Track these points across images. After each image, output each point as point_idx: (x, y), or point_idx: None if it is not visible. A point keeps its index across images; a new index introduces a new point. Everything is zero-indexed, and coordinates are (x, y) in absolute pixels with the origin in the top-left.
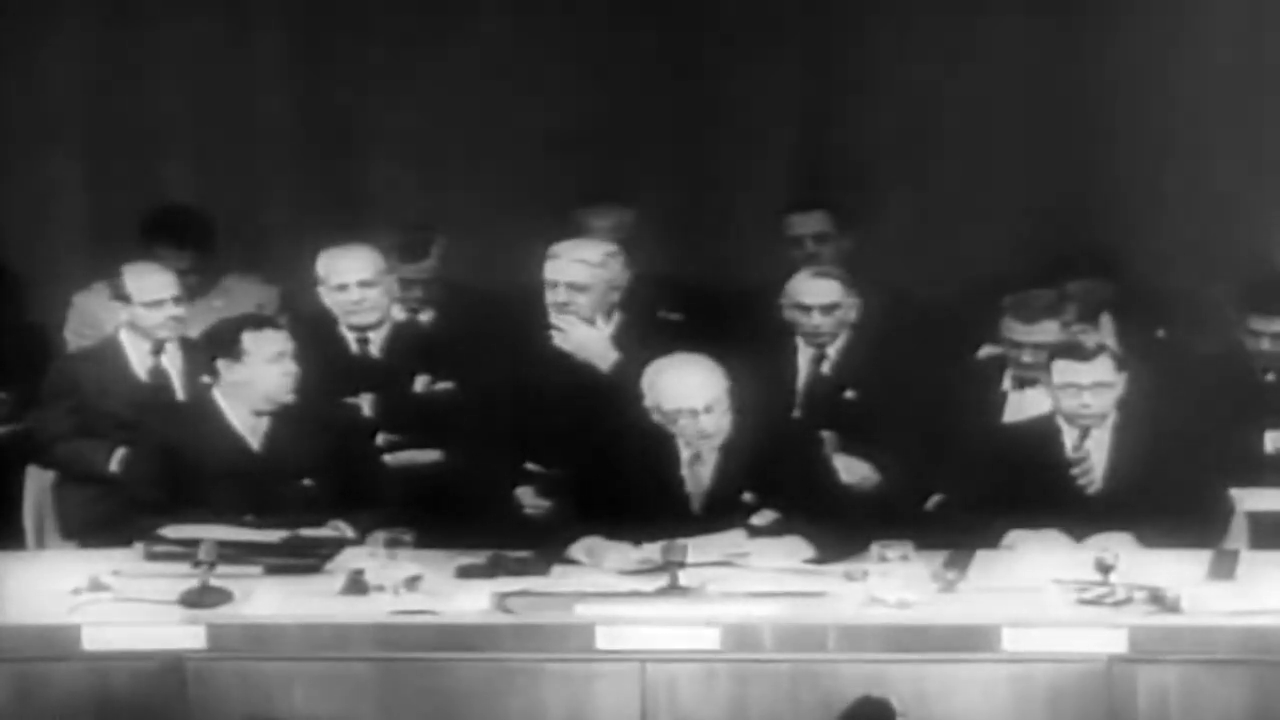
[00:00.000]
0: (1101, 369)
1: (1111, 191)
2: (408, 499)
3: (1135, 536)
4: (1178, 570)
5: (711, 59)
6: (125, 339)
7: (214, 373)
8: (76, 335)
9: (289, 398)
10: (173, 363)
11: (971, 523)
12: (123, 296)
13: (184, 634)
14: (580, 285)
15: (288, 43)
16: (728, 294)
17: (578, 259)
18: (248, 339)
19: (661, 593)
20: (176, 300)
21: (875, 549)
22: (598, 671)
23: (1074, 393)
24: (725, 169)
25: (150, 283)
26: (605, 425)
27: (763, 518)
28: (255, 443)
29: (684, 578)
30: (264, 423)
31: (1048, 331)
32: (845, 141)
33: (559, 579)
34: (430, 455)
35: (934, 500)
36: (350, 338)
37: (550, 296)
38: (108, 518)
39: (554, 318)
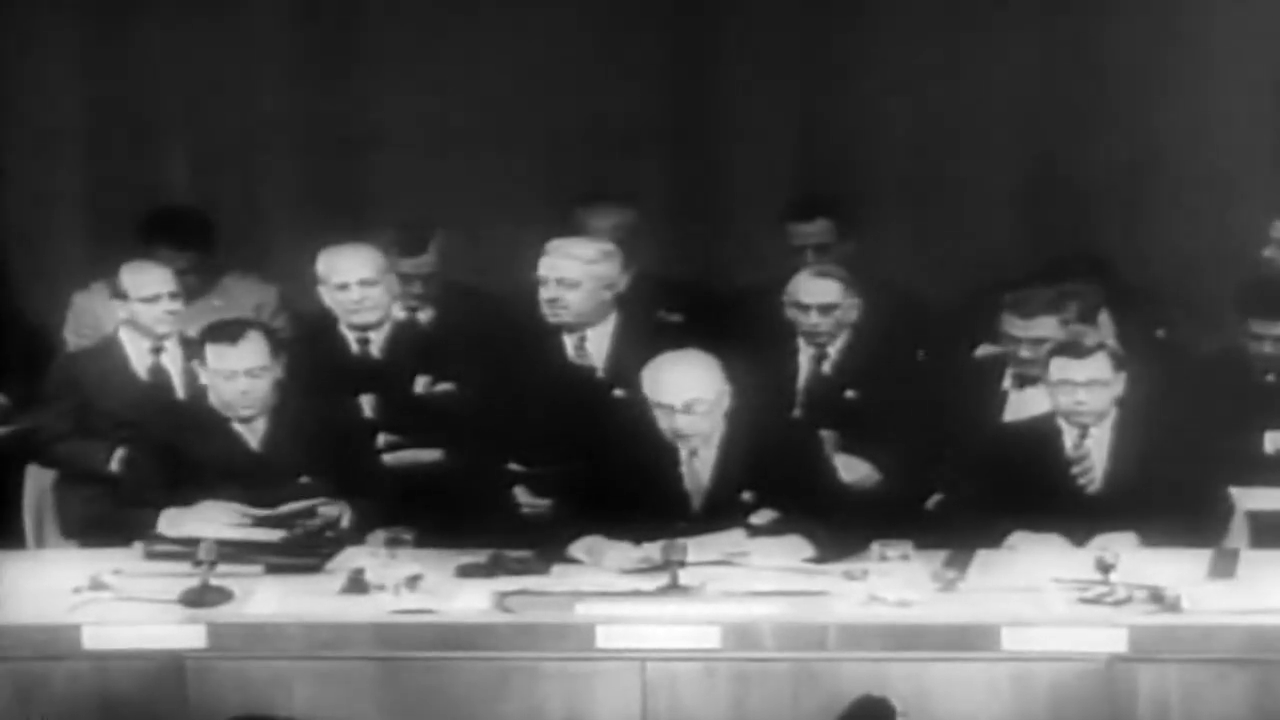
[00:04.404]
0: (1098, 367)
1: (1111, 192)
2: (408, 498)
3: (1136, 536)
4: (1178, 569)
5: (712, 59)
6: (125, 338)
7: (193, 373)
8: (76, 335)
9: (247, 413)
10: (172, 362)
11: (972, 522)
12: (120, 294)
13: (184, 633)
14: (571, 281)
15: (288, 42)
16: (728, 294)
17: (570, 255)
18: (209, 350)
19: (662, 592)
20: (173, 296)
21: (875, 548)
22: (598, 671)
23: (1069, 390)
24: (725, 169)
25: (147, 279)
26: (605, 424)
27: (763, 517)
28: (255, 443)
29: (684, 577)
30: (261, 423)
31: (1046, 327)
32: (846, 141)
33: (559, 578)
34: (431, 455)
35: (934, 499)
36: (351, 337)
37: (542, 292)
38: (108, 517)
39: (546, 313)
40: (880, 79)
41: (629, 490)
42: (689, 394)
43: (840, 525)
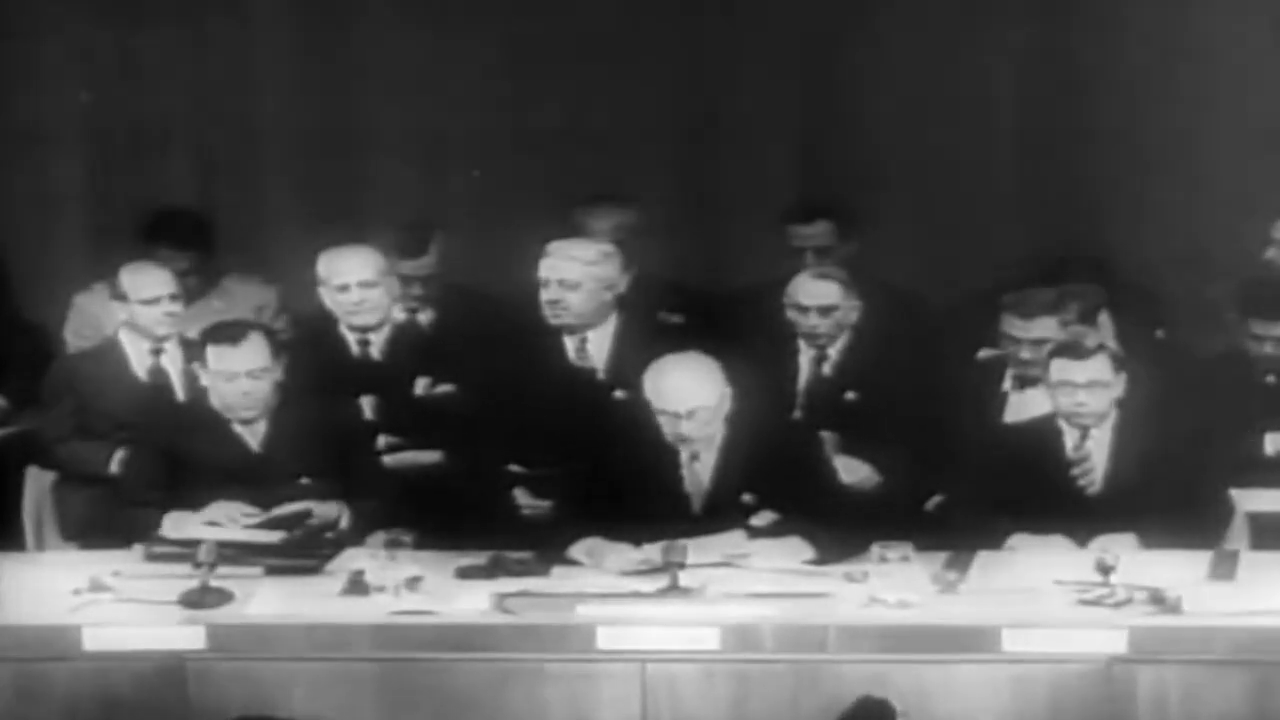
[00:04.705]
0: (1098, 368)
1: (1111, 193)
2: (408, 500)
3: (1136, 537)
4: (1178, 571)
5: (712, 59)
6: (125, 339)
7: (194, 375)
8: (76, 336)
9: (248, 414)
10: (172, 363)
11: (972, 523)
12: (120, 295)
13: (184, 634)
14: (572, 283)
15: (288, 42)
16: (728, 295)
17: (570, 256)
18: (210, 351)
19: (662, 593)
20: (173, 297)
21: (875, 550)
22: (598, 672)
23: (1069, 391)
24: (725, 169)
25: (147, 280)
26: (606, 425)
27: (763, 518)
28: (255, 444)
29: (684, 578)
30: (262, 425)
31: (1046, 328)
32: (845, 142)
33: (559, 580)
34: (431, 456)
35: (934, 501)
36: (351, 339)
37: (544, 294)
38: (108, 518)
39: (548, 315)
40: (880, 80)
41: (629, 492)
42: (692, 402)
43: (840, 527)
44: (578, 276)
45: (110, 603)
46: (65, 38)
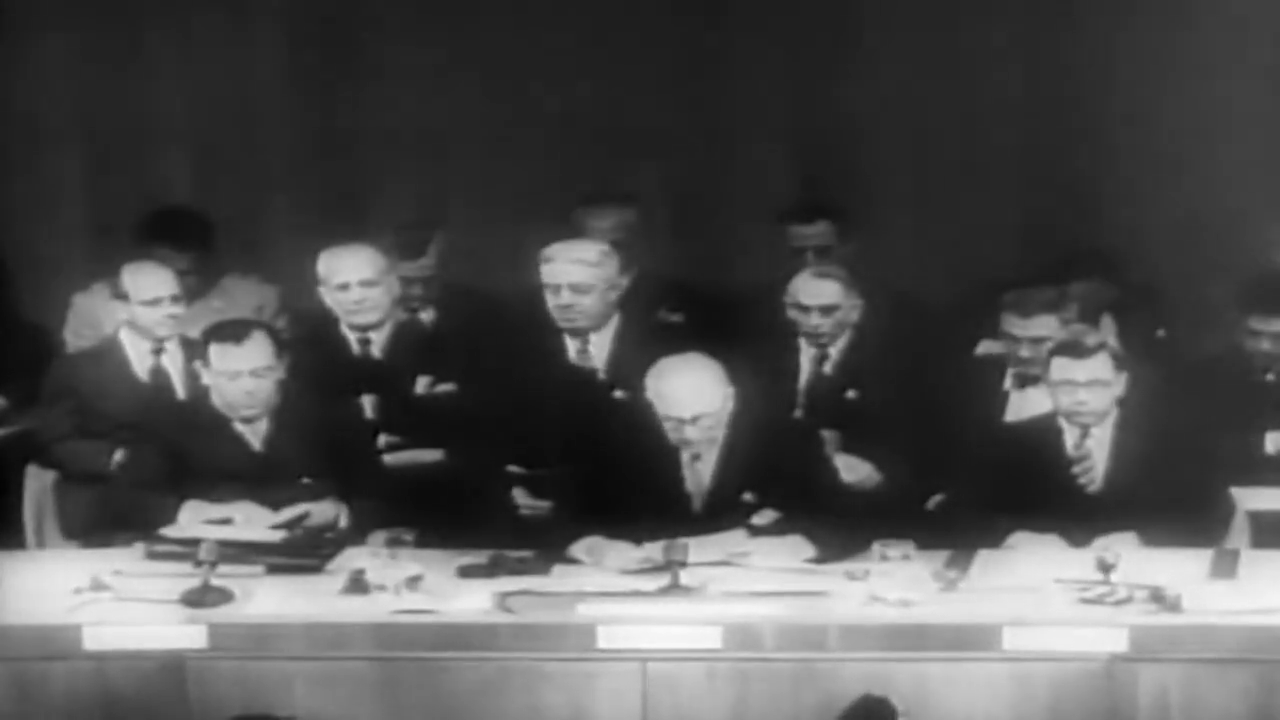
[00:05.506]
0: (1099, 367)
1: (1112, 193)
2: (409, 499)
3: (1136, 535)
4: (1179, 569)
5: (713, 59)
6: (125, 339)
7: (195, 374)
8: (76, 335)
9: (250, 413)
10: (173, 362)
11: (973, 522)
12: (121, 295)
13: (185, 633)
14: (583, 286)
15: (288, 42)
16: (729, 294)
17: (576, 260)
18: (214, 350)
19: (663, 592)
20: (174, 299)
21: (876, 548)
22: (599, 671)
23: (1070, 390)
24: (725, 169)
25: (148, 281)
26: (607, 425)
27: (764, 517)
28: (256, 443)
29: (685, 577)
30: (263, 424)
31: (1046, 326)
32: (846, 142)
33: (560, 578)
34: (431, 456)
35: (935, 500)
36: (352, 338)
37: (552, 300)
38: (112, 513)
39: (559, 320)
40: (880, 80)
41: (630, 491)
42: (696, 408)
43: (841, 525)
44: (588, 279)
45: (111, 602)
46: (65, 37)
